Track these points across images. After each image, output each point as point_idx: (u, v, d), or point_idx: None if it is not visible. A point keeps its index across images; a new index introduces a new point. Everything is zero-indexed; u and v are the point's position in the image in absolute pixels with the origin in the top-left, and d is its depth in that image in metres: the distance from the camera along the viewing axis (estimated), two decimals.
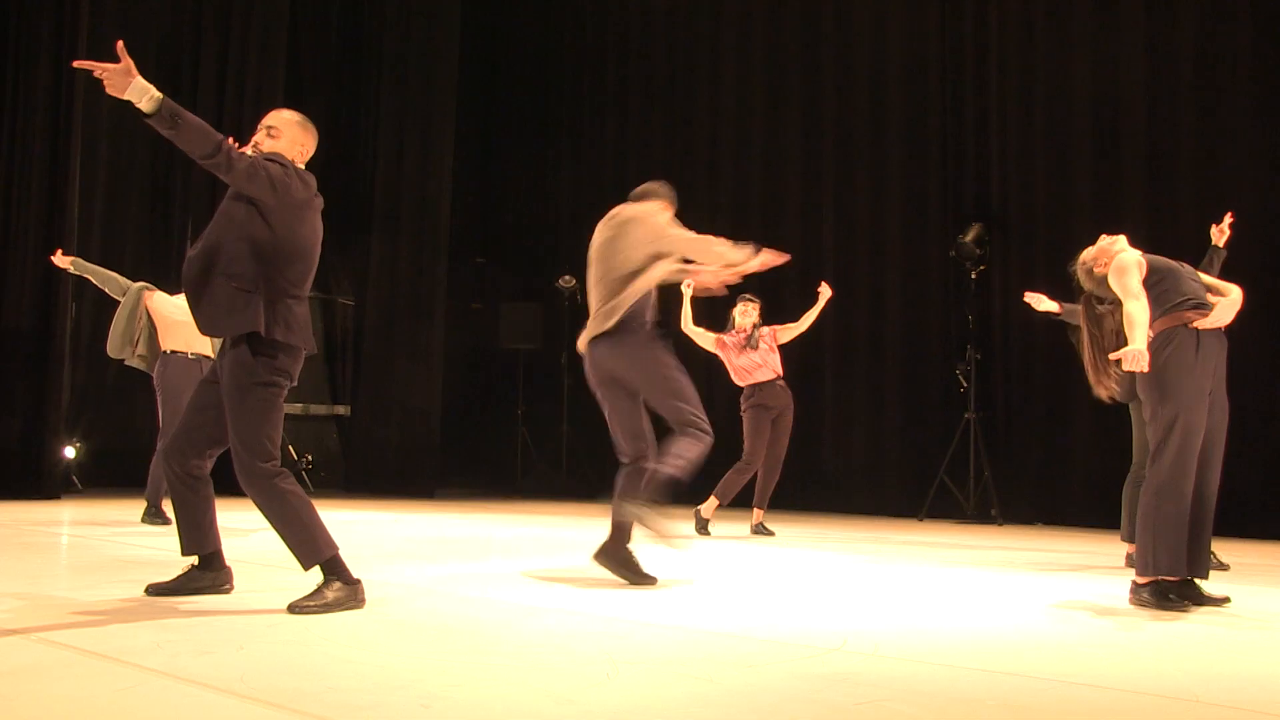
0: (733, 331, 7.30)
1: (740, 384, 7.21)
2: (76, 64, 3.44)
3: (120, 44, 3.40)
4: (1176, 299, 4.08)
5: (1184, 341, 4.01)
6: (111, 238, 10.56)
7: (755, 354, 7.18)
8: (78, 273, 7.06)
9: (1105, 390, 4.35)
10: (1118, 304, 4.32)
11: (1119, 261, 4.16)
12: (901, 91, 9.58)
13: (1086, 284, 4.43)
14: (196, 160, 3.49)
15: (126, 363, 6.93)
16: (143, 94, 3.36)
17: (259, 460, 3.56)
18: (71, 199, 9.09)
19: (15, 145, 8.99)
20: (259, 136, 3.82)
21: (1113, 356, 4.03)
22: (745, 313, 7.31)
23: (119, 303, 6.89)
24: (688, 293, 6.93)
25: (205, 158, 3.47)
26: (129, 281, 6.96)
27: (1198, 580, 4.05)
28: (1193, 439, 3.94)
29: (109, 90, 3.37)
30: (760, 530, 7.13)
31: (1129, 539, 5.38)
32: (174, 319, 6.74)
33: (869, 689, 2.62)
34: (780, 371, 7.24)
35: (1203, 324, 4.04)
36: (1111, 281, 4.16)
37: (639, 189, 4.90)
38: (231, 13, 10.45)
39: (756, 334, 7.24)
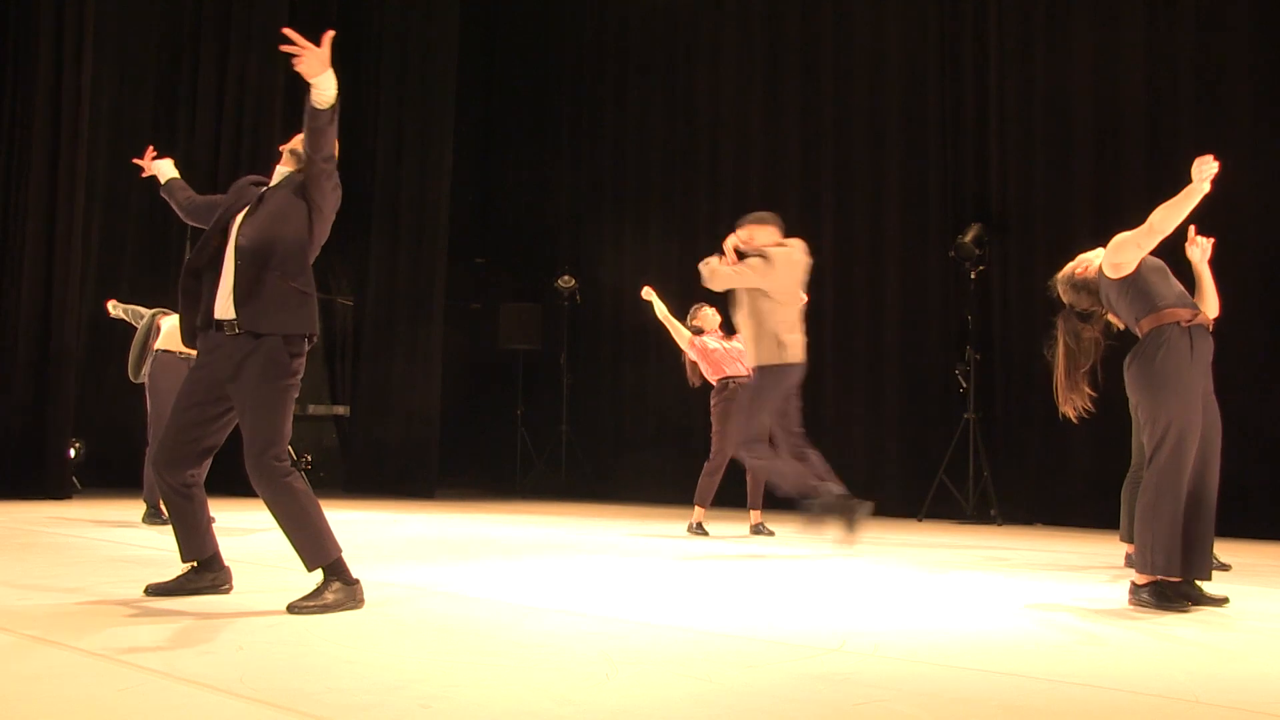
0: (707, 333, 7.37)
1: (713, 379, 7.23)
2: (286, 31, 3.46)
3: (331, 34, 3.47)
4: (1163, 298, 4.07)
5: (1177, 340, 4.00)
6: (112, 238, 10.56)
7: (732, 346, 7.23)
8: (121, 316, 7.29)
9: (1074, 408, 4.33)
10: (1100, 317, 4.33)
11: (1116, 238, 4.15)
12: (901, 91, 9.57)
13: (1067, 296, 4.41)
14: (315, 158, 3.59)
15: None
16: (327, 87, 3.47)
17: (277, 457, 3.57)
18: (73, 200, 9.08)
19: (15, 145, 8.99)
20: None
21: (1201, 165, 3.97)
22: (706, 318, 7.43)
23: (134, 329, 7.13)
24: (652, 294, 7.43)
25: (324, 159, 3.61)
26: (146, 310, 7.14)
27: (1198, 581, 4.04)
28: (1189, 439, 3.93)
29: (301, 67, 3.44)
30: (760, 530, 7.13)
31: (1128, 539, 5.38)
32: (174, 325, 6.77)
33: (868, 689, 2.62)
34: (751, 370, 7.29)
35: (1195, 320, 4.05)
36: (1111, 254, 4.12)
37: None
38: (231, 12, 10.45)
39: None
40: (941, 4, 9.32)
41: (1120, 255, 4.11)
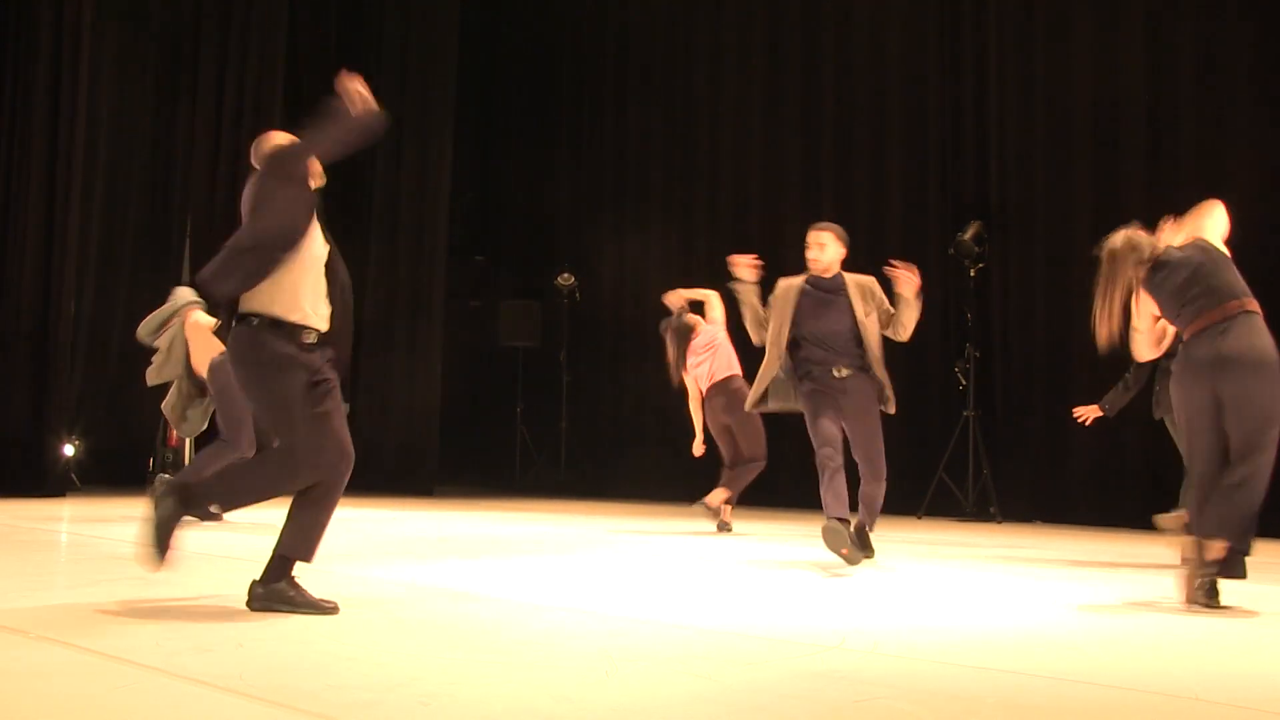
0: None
1: (719, 375, 7.24)
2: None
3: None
4: (1236, 288, 4.15)
5: (1260, 323, 4.07)
6: (111, 237, 10.54)
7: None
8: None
9: (1105, 333, 4.35)
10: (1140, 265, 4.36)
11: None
12: (901, 89, 9.57)
13: (1116, 243, 4.40)
14: None
15: (150, 385, 6.92)
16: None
17: None
18: (72, 197, 9.07)
19: (15, 143, 8.97)
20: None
21: None
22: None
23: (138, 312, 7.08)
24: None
25: None
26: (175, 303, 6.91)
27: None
28: None
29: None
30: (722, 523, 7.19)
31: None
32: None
33: (868, 686, 2.62)
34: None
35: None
36: (1195, 219, 4.25)
37: None
38: (230, 13, 10.44)
39: None
40: (942, 3, 9.31)
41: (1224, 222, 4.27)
